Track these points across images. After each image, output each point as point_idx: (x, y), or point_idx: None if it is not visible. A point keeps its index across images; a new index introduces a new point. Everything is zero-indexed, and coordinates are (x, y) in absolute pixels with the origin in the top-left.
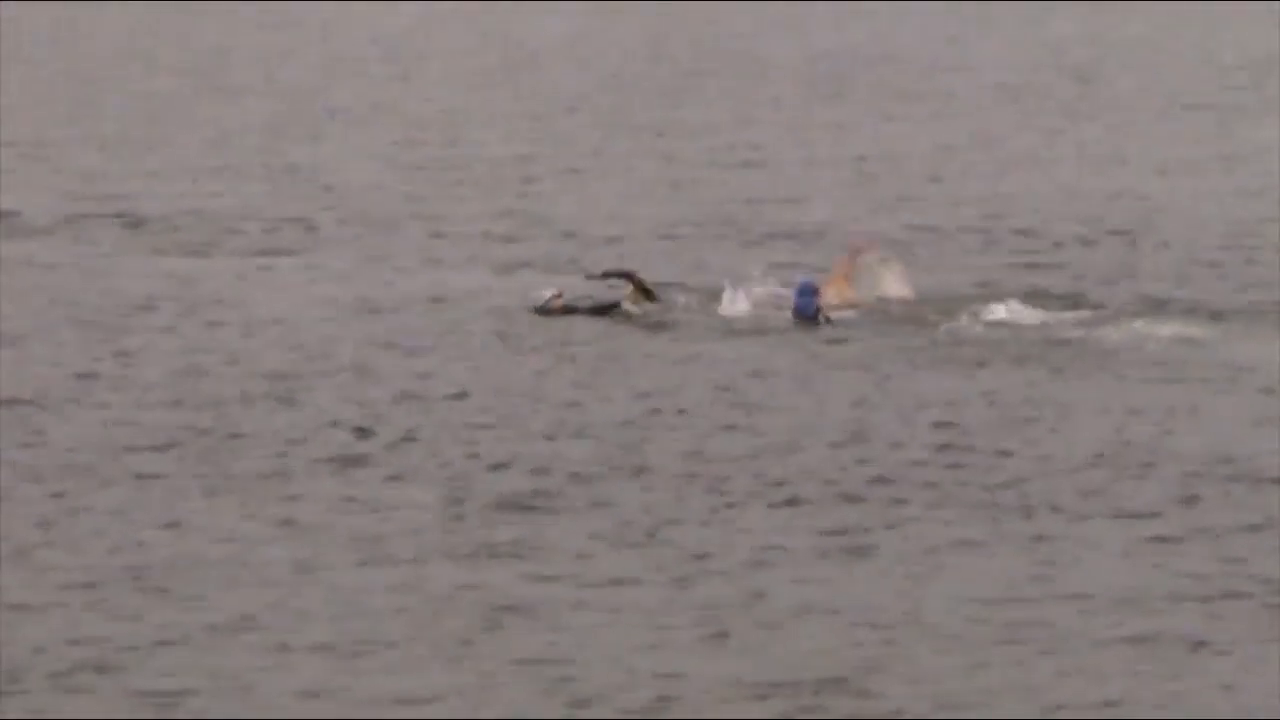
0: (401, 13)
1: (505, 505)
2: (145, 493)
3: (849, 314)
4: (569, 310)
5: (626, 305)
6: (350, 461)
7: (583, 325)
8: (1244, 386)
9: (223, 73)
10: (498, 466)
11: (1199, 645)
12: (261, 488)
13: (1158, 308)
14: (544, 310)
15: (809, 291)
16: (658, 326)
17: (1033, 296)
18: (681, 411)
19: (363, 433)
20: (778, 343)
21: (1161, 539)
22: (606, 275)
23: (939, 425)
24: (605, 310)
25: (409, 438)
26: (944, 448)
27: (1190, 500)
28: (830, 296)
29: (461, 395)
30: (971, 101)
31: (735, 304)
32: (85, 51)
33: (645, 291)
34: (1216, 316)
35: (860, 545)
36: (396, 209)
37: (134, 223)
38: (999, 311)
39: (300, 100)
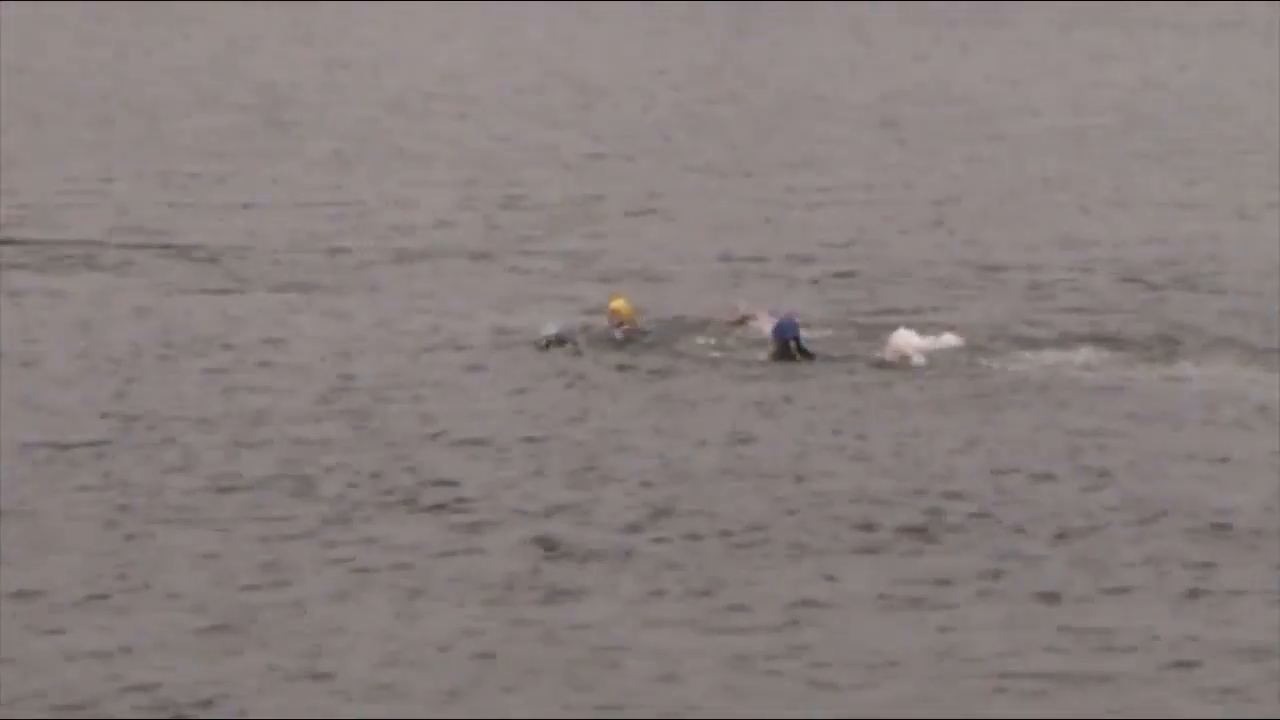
0: (462, 50)
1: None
2: (224, 538)
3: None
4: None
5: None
6: (419, 506)
7: (648, 362)
8: None
9: (283, 109)
10: (554, 511)
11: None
12: (333, 533)
13: (1216, 351)
14: (546, 347)
15: (791, 326)
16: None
17: (1092, 340)
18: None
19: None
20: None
21: (1210, 592)
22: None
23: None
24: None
25: (474, 482)
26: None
27: (1249, 551)
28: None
29: (529, 439)
30: (1035, 143)
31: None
32: (147, 87)
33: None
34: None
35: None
36: (459, 247)
37: (191, 258)
38: (1056, 355)
39: (361, 137)
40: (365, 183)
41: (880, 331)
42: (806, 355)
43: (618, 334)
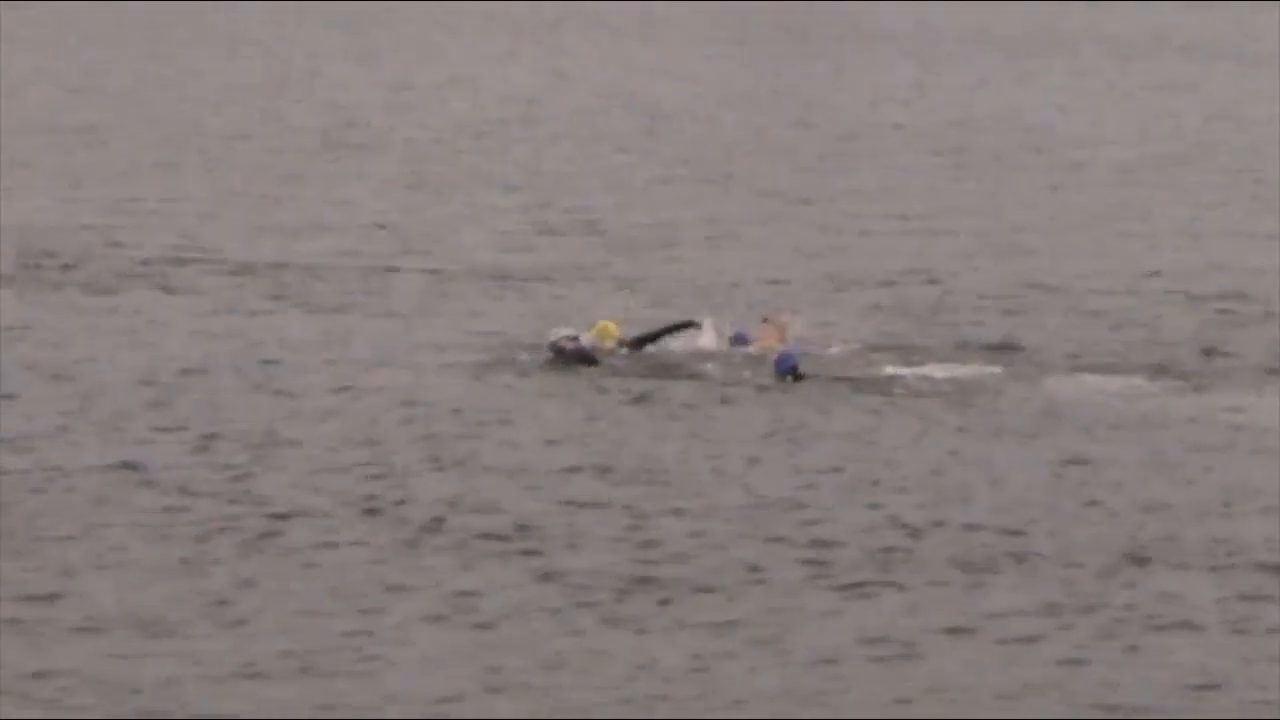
0: (526, 73)
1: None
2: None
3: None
4: (583, 357)
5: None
6: (487, 534)
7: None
8: None
9: (350, 131)
10: (648, 544)
11: None
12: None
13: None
14: (556, 350)
15: (788, 359)
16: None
17: (1151, 368)
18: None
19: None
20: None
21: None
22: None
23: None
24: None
25: (541, 512)
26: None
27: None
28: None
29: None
30: (1100, 172)
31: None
32: (214, 109)
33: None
34: None
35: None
36: (525, 269)
37: (257, 277)
38: (1115, 381)
39: (426, 159)
40: (431, 204)
41: (936, 357)
42: (799, 378)
43: (622, 352)
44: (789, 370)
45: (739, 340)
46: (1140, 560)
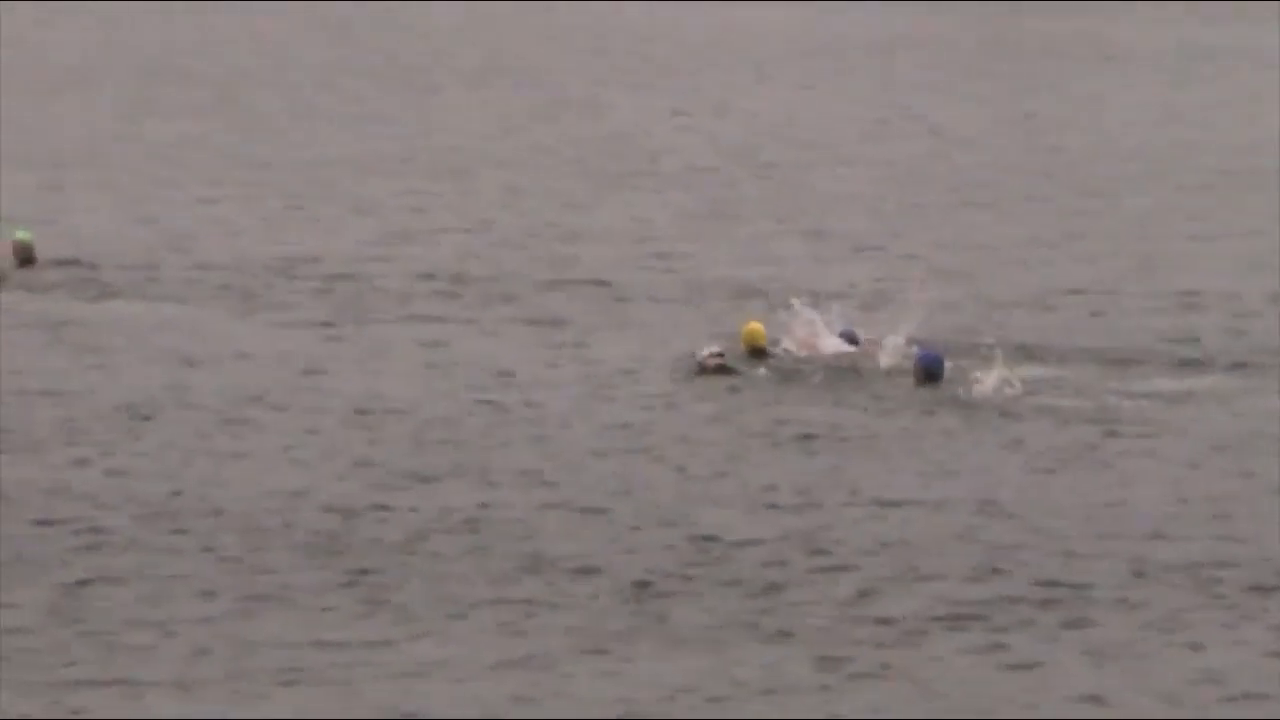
0: (797, 99)
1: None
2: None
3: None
4: (724, 369)
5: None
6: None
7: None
8: None
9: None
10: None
11: None
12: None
13: None
14: (703, 368)
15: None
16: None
17: None
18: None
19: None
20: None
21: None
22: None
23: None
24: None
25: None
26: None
27: None
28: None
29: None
30: None
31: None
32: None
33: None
34: None
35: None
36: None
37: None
38: None
39: (705, 185)
40: (710, 228)
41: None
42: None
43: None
44: (932, 369)
45: (846, 338)
46: None
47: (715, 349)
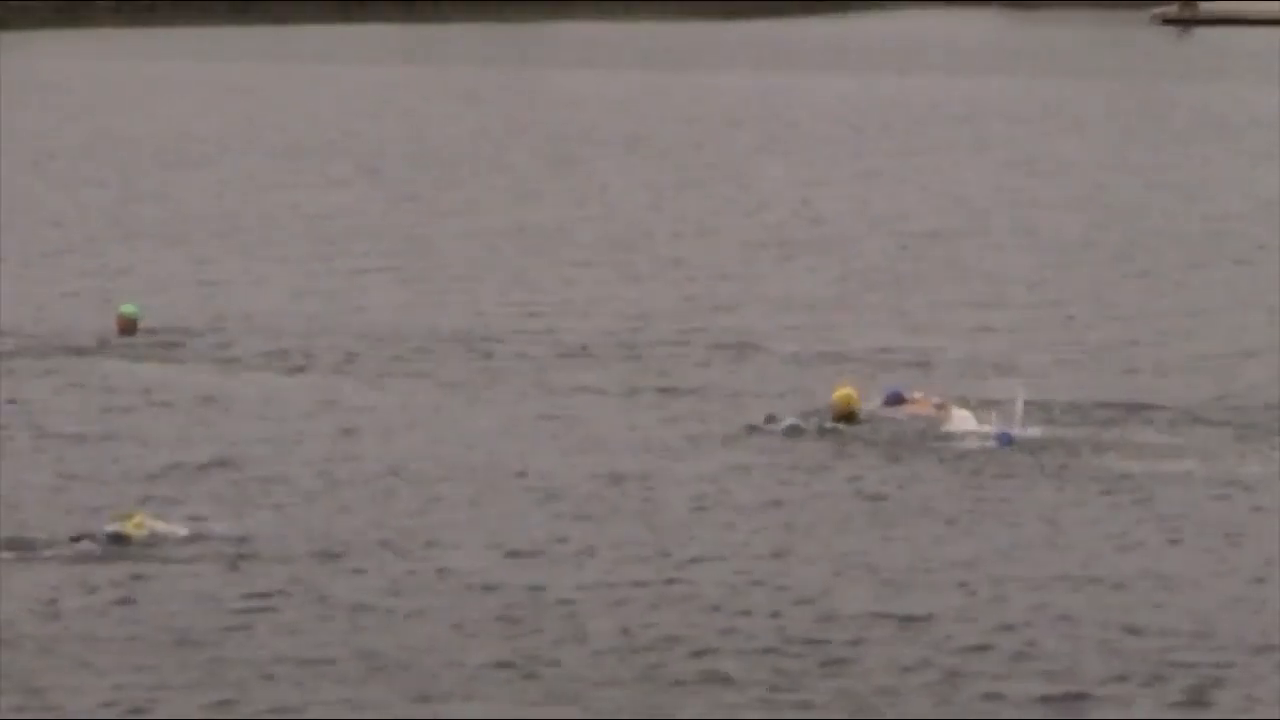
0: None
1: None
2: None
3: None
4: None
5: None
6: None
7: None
8: None
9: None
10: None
11: None
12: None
13: None
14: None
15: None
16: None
17: None
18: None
19: None
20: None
21: None
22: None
23: None
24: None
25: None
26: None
27: None
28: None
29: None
30: None
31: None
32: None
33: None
34: None
35: None
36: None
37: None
38: None
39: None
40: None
41: None
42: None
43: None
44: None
45: (892, 400)
46: None
47: (792, 420)
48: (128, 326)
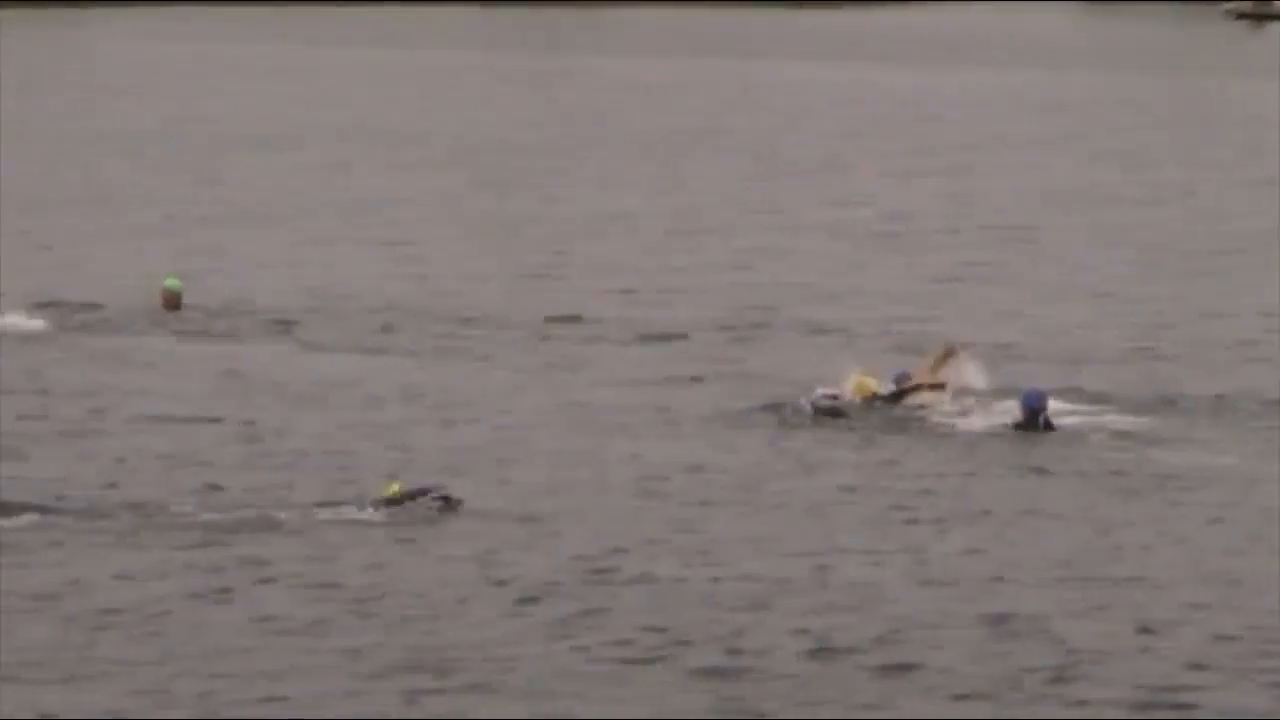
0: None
1: None
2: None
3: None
4: (836, 413)
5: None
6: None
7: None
8: None
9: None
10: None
11: None
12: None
13: None
14: (815, 407)
15: (1035, 398)
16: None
17: None
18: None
19: None
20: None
21: None
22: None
23: None
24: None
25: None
26: None
27: None
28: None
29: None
30: None
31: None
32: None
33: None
34: None
35: None
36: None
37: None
38: None
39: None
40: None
41: None
42: (1050, 428)
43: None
44: (1039, 409)
45: (900, 381)
46: None
47: (826, 390)
48: (172, 300)
